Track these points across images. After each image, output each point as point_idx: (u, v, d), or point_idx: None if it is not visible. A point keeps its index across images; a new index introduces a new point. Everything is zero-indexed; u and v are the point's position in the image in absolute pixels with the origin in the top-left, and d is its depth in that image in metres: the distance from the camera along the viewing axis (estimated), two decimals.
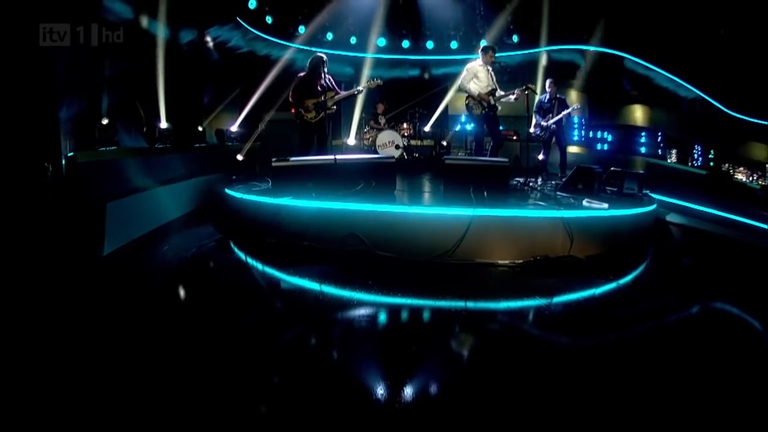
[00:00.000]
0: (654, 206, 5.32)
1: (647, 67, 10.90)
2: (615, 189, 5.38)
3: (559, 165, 7.67)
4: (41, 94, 4.59)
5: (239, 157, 8.01)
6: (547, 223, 4.09)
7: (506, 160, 4.63)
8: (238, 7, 9.56)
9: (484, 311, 3.18)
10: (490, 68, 6.00)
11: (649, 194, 5.99)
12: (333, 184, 4.56)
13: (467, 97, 6.03)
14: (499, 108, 6.04)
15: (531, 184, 5.67)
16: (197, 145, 8.17)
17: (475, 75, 5.93)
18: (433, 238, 3.95)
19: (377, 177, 4.70)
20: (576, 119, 11.68)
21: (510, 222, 4.00)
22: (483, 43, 6.39)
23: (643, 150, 11.55)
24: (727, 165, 10.87)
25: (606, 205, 4.46)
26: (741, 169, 10.65)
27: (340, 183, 4.59)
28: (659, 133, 11.64)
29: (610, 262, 4.23)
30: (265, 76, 9.78)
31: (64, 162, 4.61)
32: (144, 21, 7.12)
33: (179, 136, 7.60)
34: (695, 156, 11.66)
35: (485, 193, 4.36)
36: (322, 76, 5.85)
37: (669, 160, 11.70)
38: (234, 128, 9.69)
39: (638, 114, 12.28)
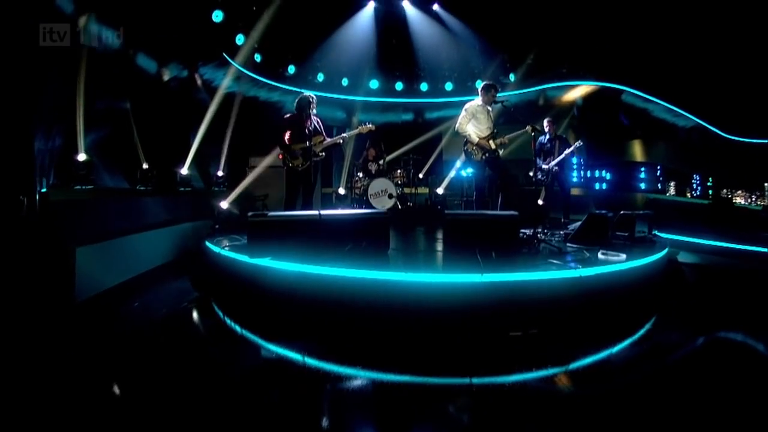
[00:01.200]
0: (667, 249, 5.08)
1: (647, 99, 10.77)
2: (626, 234, 5.15)
3: (562, 209, 7.23)
4: (17, 123, 4.37)
5: (223, 205, 7.52)
6: (566, 284, 3.55)
7: (515, 213, 4.12)
8: (225, 42, 9.22)
9: (494, 386, 2.61)
10: (490, 109, 5.60)
11: (658, 235, 5.74)
12: (318, 244, 4.01)
13: (465, 142, 5.57)
14: (501, 152, 5.61)
15: (540, 235, 5.17)
16: (182, 188, 7.76)
17: (474, 116, 5.51)
18: (436, 313, 3.38)
19: (368, 235, 4.16)
20: (574, 159, 11.43)
21: (523, 287, 3.44)
22: (479, 83, 6.07)
23: (642, 186, 11.34)
24: (725, 191, 10.63)
25: (623, 257, 4.09)
26: (739, 192, 10.43)
27: (325, 242, 4.04)
28: (658, 167, 11.42)
29: (626, 315, 3.80)
30: (253, 117, 9.44)
31: (38, 198, 4.41)
32: (130, 53, 6.95)
33: (162, 178, 7.20)
34: (694, 186, 11.43)
35: (493, 253, 3.82)
36: (310, 118, 5.44)
37: (668, 193, 11.40)
38: (220, 172, 9.22)
39: (636, 149, 12.09)
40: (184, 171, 8.20)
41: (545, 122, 7.35)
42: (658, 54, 9.81)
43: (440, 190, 10.02)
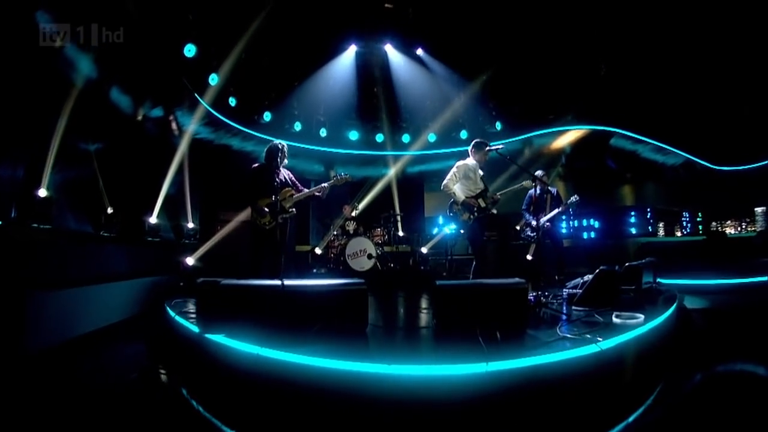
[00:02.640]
0: (678, 299, 4.72)
1: (637, 139, 10.64)
2: (632, 287, 4.73)
3: (555, 265, 6.69)
4: None
5: (189, 262, 6.83)
6: (584, 361, 2.91)
7: (521, 280, 3.46)
8: (197, 81, 8.55)
9: None
10: (482, 169, 5.27)
11: (661, 282, 5.52)
12: (281, 321, 3.28)
13: (451, 202, 5.18)
14: (494, 211, 5.20)
15: (543, 299, 4.54)
16: (149, 238, 7.24)
17: (465, 176, 5.15)
18: (428, 414, 2.61)
19: (342, 311, 3.43)
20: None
21: (537, 373, 2.73)
22: (463, 134, 5.73)
23: (633, 230, 11.00)
24: (714, 223, 10.37)
25: (641, 317, 3.62)
26: (728, 222, 10.25)
27: (290, 319, 3.30)
28: (648, 209, 11.14)
29: (643, 378, 3.23)
30: (224, 168, 8.78)
31: None
32: (104, 89, 6.62)
33: (128, 225, 6.72)
34: (684, 224, 11.16)
35: (498, 334, 3.11)
36: (279, 169, 4.91)
37: (659, 235, 11.05)
38: (191, 224, 8.51)
39: (625, 193, 11.93)
40: (153, 219, 7.60)
41: (536, 174, 6.94)
42: (644, 92, 9.76)
43: (424, 249, 9.40)
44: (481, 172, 5.32)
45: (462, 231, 5.37)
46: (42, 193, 5.23)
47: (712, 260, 7.44)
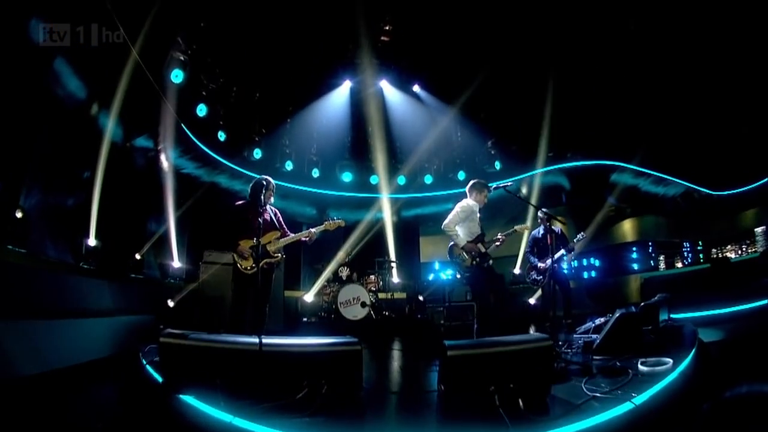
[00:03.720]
0: (697, 334, 4.34)
1: (639, 172, 10.41)
2: (650, 327, 4.56)
3: (562, 308, 6.29)
4: None
5: (170, 304, 6.41)
6: (619, 421, 2.51)
7: (545, 336, 2.99)
8: (184, 111, 7.97)
9: None
10: (480, 209, 4.92)
11: (674, 318, 5.26)
12: (258, 386, 2.78)
13: (451, 248, 4.77)
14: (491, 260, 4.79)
15: (556, 349, 4.08)
16: (133, 275, 6.76)
17: (468, 217, 4.75)
18: None
19: (332, 373, 2.90)
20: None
21: None
22: (461, 175, 5.41)
23: (635, 266, 10.68)
24: (715, 250, 10.35)
25: (670, 362, 3.28)
26: (728, 247, 10.16)
27: (269, 384, 2.80)
28: (649, 243, 10.86)
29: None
30: (211, 206, 8.26)
31: None
32: (93, 111, 6.29)
33: (111, 259, 6.33)
34: (684, 254, 10.85)
35: (520, 401, 2.57)
36: (266, 208, 4.44)
37: (661, 268, 10.72)
38: (178, 263, 7.99)
39: (625, 228, 11.57)
40: (138, 255, 7.09)
41: (539, 214, 6.66)
42: (644, 123, 9.61)
43: (421, 297, 8.92)
44: (479, 215, 4.95)
45: (461, 276, 4.94)
46: (19, 214, 4.89)
47: (719, 288, 7.19)
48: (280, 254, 4.52)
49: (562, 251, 6.16)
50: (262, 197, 4.37)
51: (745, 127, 9.17)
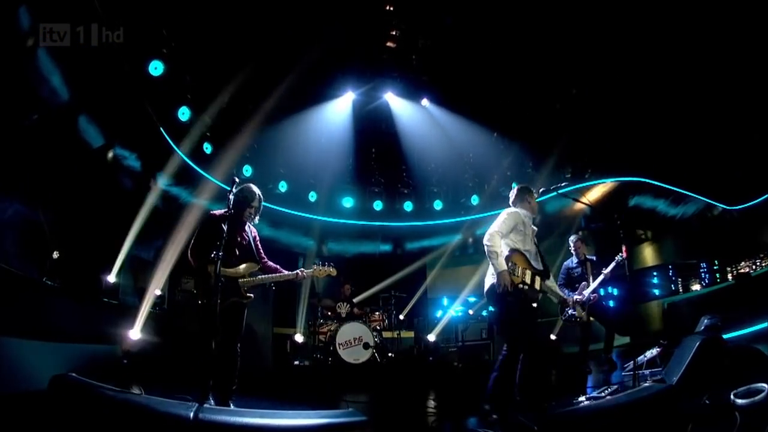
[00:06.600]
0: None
1: (658, 193, 9.97)
2: None
3: (604, 342, 5.95)
4: None
5: (133, 335, 5.66)
6: None
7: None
8: (164, 115, 7.19)
9: None
10: (533, 222, 3.99)
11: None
12: None
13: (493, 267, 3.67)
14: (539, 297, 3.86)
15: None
16: (106, 299, 6.14)
17: (516, 227, 3.78)
18: None
19: None
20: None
21: None
22: (475, 199, 4.69)
23: (657, 292, 10.10)
24: (729, 268, 9.80)
25: (765, 387, 2.78)
26: (742, 263, 9.56)
27: None
28: (669, 267, 10.26)
29: None
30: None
31: None
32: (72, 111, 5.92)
33: (77, 276, 5.72)
34: (702, 275, 10.25)
35: None
36: (248, 227, 3.69)
37: (680, 292, 10.08)
38: (158, 291, 7.05)
39: (644, 252, 11.03)
40: (112, 278, 6.33)
41: (571, 241, 6.15)
42: (656, 137, 9.19)
43: (432, 337, 8.08)
44: (534, 228, 3.98)
45: (493, 301, 3.83)
46: None
47: (753, 302, 6.83)
48: (251, 295, 3.63)
49: (602, 277, 5.53)
50: (249, 210, 3.63)
51: (757, 134, 8.78)
